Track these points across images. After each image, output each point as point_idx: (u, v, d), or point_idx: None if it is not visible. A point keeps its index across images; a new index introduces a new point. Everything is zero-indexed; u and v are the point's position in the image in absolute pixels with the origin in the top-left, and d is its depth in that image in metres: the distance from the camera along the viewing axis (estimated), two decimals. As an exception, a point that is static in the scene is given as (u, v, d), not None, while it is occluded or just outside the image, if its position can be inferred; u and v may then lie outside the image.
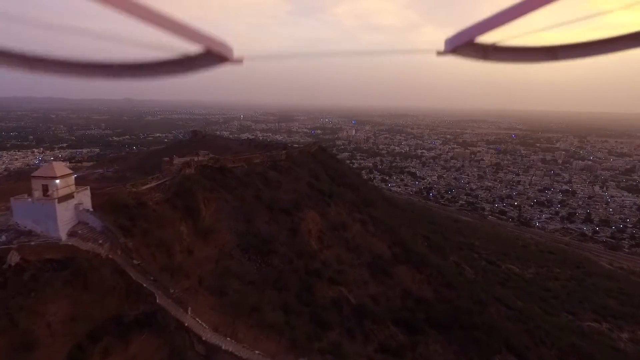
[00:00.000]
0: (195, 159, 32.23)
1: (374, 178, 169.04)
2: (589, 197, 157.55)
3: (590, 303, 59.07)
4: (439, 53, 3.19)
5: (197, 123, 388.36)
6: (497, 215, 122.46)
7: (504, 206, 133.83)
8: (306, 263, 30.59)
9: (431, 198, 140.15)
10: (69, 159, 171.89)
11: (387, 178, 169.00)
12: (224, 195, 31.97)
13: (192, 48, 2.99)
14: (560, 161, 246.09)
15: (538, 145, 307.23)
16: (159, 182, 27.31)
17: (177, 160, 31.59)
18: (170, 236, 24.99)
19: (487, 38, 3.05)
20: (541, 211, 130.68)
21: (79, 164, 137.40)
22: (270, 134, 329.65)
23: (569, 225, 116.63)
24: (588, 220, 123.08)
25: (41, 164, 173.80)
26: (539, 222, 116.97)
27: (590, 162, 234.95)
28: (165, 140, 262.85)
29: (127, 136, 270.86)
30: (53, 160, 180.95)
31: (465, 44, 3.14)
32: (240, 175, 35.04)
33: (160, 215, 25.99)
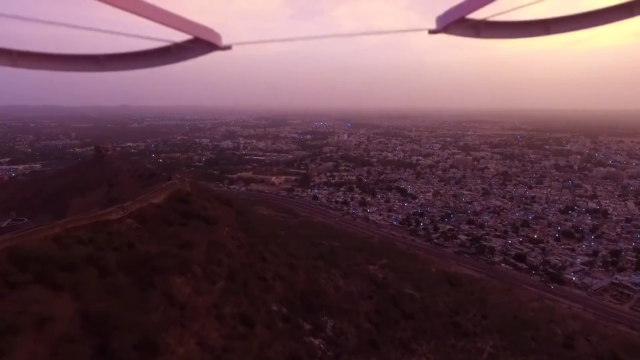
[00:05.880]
0: None
1: (353, 199, 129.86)
2: (627, 220, 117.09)
3: None
4: (431, 31, 3.04)
5: (183, 129, 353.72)
6: (512, 262, 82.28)
7: (520, 242, 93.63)
8: None
9: (421, 231, 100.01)
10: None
11: (369, 199, 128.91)
12: None
13: (181, 37, 2.92)
14: (576, 167, 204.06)
15: (547, 147, 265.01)
16: None
17: None
18: None
19: (478, 14, 3.01)
20: (572, 250, 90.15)
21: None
22: (254, 141, 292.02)
23: (618, 278, 76.81)
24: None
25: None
26: (574, 274, 77.04)
27: (613, 169, 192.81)
28: (132, 150, 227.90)
29: (93, 147, 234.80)
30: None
31: (456, 21, 2.99)
32: None
33: None
